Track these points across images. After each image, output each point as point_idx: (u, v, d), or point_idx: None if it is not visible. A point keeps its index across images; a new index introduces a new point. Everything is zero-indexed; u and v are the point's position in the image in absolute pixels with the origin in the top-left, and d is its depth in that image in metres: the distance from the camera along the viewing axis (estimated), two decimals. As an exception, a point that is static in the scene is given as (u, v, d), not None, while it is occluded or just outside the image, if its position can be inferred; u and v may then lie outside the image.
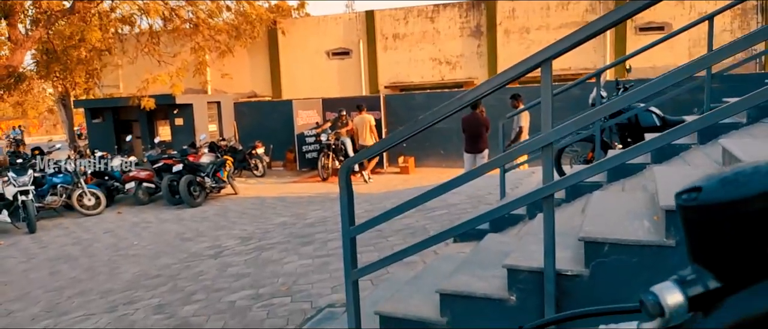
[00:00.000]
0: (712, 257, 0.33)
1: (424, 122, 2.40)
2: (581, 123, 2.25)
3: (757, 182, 0.31)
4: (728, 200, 0.31)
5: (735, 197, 0.31)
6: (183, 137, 14.99)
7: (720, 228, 0.32)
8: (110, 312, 4.89)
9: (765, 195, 0.31)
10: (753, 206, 0.31)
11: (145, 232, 9.07)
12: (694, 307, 0.33)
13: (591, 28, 2.15)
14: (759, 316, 0.30)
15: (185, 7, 15.47)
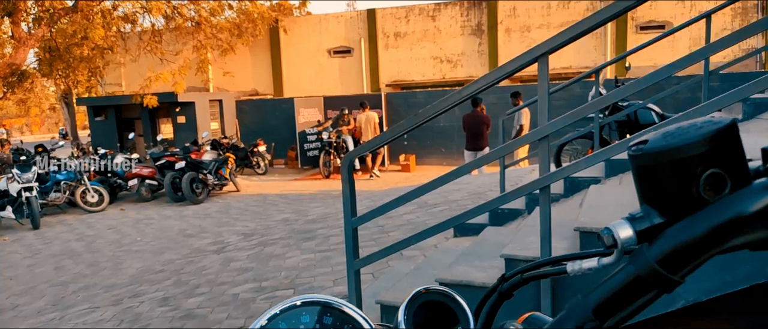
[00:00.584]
0: (655, 197, 0.40)
1: (424, 115, 2.46)
2: (577, 117, 2.31)
3: (690, 134, 0.38)
4: (667, 148, 0.38)
5: (672, 145, 0.38)
6: (185, 135, 15.06)
7: (660, 172, 0.39)
8: (115, 305, 4.96)
9: (695, 144, 0.37)
10: (685, 152, 0.37)
11: (148, 228, 9.14)
12: (642, 239, 0.40)
13: (586, 23, 2.21)
14: (688, 242, 0.37)
15: (187, 5, 15.54)
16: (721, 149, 0.38)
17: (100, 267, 6.95)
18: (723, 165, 0.38)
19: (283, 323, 0.46)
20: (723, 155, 0.38)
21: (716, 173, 0.37)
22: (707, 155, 0.37)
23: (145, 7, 14.94)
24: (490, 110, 10.36)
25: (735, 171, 0.38)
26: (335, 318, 0.47)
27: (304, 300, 0.47)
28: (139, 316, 4.44)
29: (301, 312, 0.47)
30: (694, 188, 0.38)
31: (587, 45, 15.67)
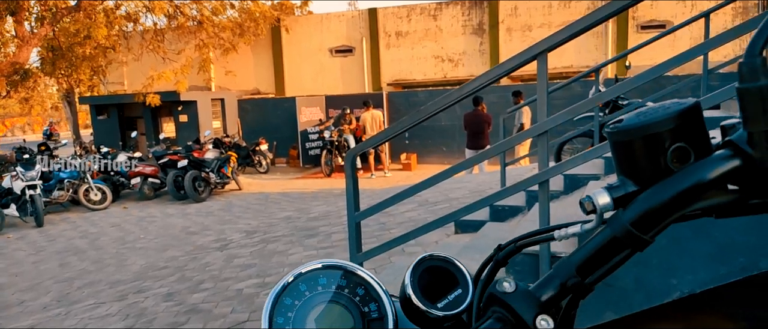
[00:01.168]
0: (629, 168, 0.45)
1: (425, 112, 2.52)
2: (575, 113, 2.36)
3: (660, 113, 0.44)
4: (639, 125, 0.44)
5: (644, 122, 0.44)
6: (187, 134, 15.13)
7: (634, 146, 0.44)
8: (120, 300, 5.02)
9: (663, 121, 0.43)
10: (655, 129, 0.43)
11: (151, 226, 9.21)
12: (618, 205, 0.46)
13: (584, 21, 2.27)
14: (656, 206, 0.43)
15: (190, 4, 15.61)
16: (686, 126, 0.43)
17: (104, 264, 7.01)
18: (687, 140, 0.43)
19: (302, 284, 0.52)
20: (687, 131, 0.43)
21: (681, 147, 0.43)
22: (674, 131, 0.43)
23: (147, 6, 15.00)
24: (491, 109, 10.41)
25: (698, 145, 0.44)
26: (349, 281, 0.53)
27: (325, 264, 0.53)
28: (144, 311, 4.50)
29: (319, 275, 0.53)
30: (662, 159, 0.43)
31: (588, 44, 15.72)
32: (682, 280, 2.25)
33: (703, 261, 2.23)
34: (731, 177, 0.42)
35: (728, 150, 0.43)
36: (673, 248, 2.26)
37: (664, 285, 2.27)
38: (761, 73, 0.40)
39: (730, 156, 0.42)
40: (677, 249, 2.26)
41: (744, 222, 2.15)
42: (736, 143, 0.43)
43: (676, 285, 2.26)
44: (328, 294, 0.51)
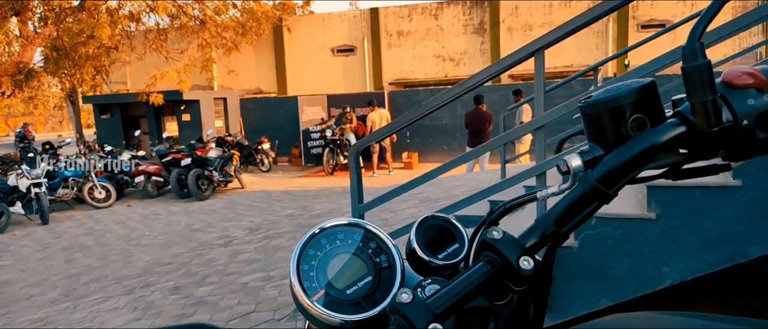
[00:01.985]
0: (597, 135, 0.54)
1: (427, 107, 2.61)
2: (571, 108, 2.45)
3: (622, 89, 0.52)
4: (606, 99, 0.53)
5: (610, 97, 0.53)
6: (190, 133, 15.22)
7: (601, 117, 0.53)
8: (127, 295, 5.12)
9: (625, 96, 0.52)
10: (618, 102, 0.52)
11: (156, 223, 9.31)
12: (588, 167, 0.55)
13: (580, 19, 2.36)
14: (618, 165, 0.52)
15: (192, 4, 15.71)
16: (643, 100, 0.52)
17: (110, 260, 7.11)
18: (644, 111, 0.52)
19: (323, 239, 0.61)
20: (644, 104, 0.52)
21: (639, 117, 0.52)
22: (633, 104, 0.52)
23: (151, 6, 15.11)
24: (492, 108, 10.50)
25: (653, 115, 0.53)
26: (363, 236, 0.62)
27: (343, 221, 0.62)
28: (151, 304, 4.60)
29: (338, 231, 0.62)
30: (624, 127, 0.52)
31: (589, 44, 15.81)
32: (674, 268, 2.34)
33: (694, 250, 2.32)
34: (680, 141, 0.51)
35: (677, 119, 0.52)
36: (665, 238, 2.35)
37: (657, 273, 2.36)
38: (699, 55, 0.49)
39: (678, 124, 0.51)
40: (669, 239, 2.35)
41: (732, 213, 2.24)
42: (683, 113, 0.52)
43: (668, 272, 2.35)
44: (345, 246, 0.60)
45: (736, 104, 0.50)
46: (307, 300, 0.56)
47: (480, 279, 0.53)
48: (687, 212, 2.29)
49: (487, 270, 0.54)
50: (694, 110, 0.50)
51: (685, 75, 0.50)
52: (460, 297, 0.52)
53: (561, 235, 0.55)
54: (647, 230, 2.35)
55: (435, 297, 0.52)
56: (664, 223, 2.32)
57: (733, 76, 0.51)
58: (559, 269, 2.48)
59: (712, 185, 2.25)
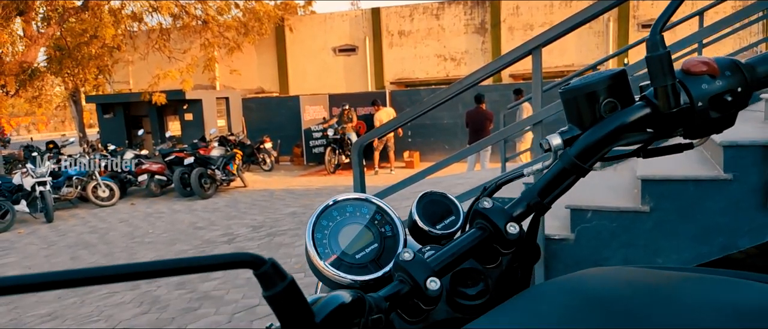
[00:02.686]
0: (574, 117, 0.62)
1: (428, 103, 2.69)
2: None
3: (596, 77, 0.60)
4: (583, 85, 0.60)
5: (586, 83, 0.60)
6: (192, 132, 15.31)
7: (578, 101, 0.60)
8: (133, 290, 5.20)
9: (598, 83, 0.59)
10: (593, 88, 0.59)
11: (159, 221, 9.39)
12: (567, 145, 0.62)
13: (576, 18, 2.43)
14: (592, 142, 0.59)
15: (195, 4, 15.80)
16: (614, 86, 0.60)
17: (115, 257, 7.20)
18: (615, 95, 0.60)
19: (335, 211, 0.69)
20: (615, 90, 0.60)
21: (611, 100, 0.60)
22: (606, 89, 0.60)
23: (153, 6, 15.20)
24: (493, 107, 10.57)
25: (623, 99, 0.60)
26: (370, 209, 0.69)
27: (353, 196, 0.70)
28: (157, 298, 4.68)
29: (347, 204, 0.69)
30: (597, 110, 0.60)
31: (589, 43, 15.87)
32: (667, 259, 2.42)
33: (687, 242, 2.39)
34: (645, 121, 0.59)
35: (642, 102, 0.59)
36: (659, 230, 2.42)
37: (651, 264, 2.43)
38: (660, 46, 0.57)
39: (643, 106, 0.59)
40: (662, 231, 2.43)
41: (724, 205, 2.32)
42: (647, 96, 0.59)
43: (662, 263, 2.42)
44: (355, 218, 0.68)
45: (692, 89, 0.57)
46: (321, 263, 0.63)
47: (472, 243, 0.61)
48: (680, 205, 2.36)
49: (479, 235, 0.61)
50: (657, 93, 0.58)
51: (648, 63, 0.58)
52: (455, 257, 0.59)
53: (544, 205, 0.63)
54: (641, 223, 2.43)
55: (433, 256, 0.59)
56: (657, 216, 2.40)
57: (690, 64, 0.58)
58: (556, 261, 2.56)
59: (705, 179, 2.33)
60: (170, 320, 4.03)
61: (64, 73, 15.77)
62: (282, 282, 0.42)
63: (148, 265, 0.37)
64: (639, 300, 0.45)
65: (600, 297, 0.47)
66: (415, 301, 0.56)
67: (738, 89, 0.57)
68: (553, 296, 0.50)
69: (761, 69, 0.58)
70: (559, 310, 0.46)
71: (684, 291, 0.45)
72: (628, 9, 15.93)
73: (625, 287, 0.48)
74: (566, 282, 0.52)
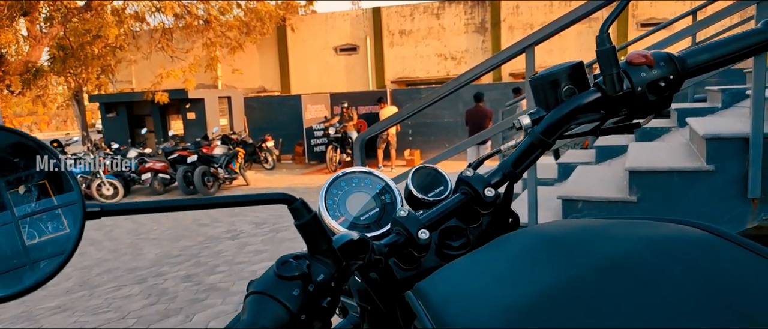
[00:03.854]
0: (541, 101, 0.74)
1: (427, 100, 2.81)
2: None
3: (558, 68, 0.71)
4: (547, 74, 0.72)
5: (550, 72, 0.73)
6: (195, 131, 15.45)
7: (544, 87, 0.72)
8: (141, 283, 5.33)
9: (560, 72, 0.71)
10: (556, 76, 0.71)
11: (164, 218, 9.52)
12: (534, 124, 0.75)
13: (568, 17, 2.56)
14: (554, 121, 0.71)
15: (197, 4, 15.93)
16: (573, 75, 0.72)
17: (121, 253, 7.33)
18: (574, 82, 0.72)
19: (343, 182, 0.81)
20: (574, 78, 0.72)
21: (570, 87, 0.72)
22: (566, 78, 0.72)
23: (156, 6, 15.33)
24: (492, 106, 10.69)
25: (580, 86, 0.73)
26: (373, 180, 0.82)
27: (358, 170, 0.83)
28: (165, 291, 4.81)
29: (353, 177, 0.82)
30: (559, 94, 0.73)
31: (590, 42, 15.91)
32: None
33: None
34: (596, 104, 0.72)
35: (594, 88, 0.72)
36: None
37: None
38: (606, 42, 0.70)
39: (595, 91, 0.72)
40: (649, 220, 2.55)
41: (706, 195, 2.44)
42: (598, 83, 0.72)
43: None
44: (360, 187, 0.81)
45: (633, 76, 0.70)
46: (333, 223, 0.76)
47: (456, 204, 0.73)
48: (665, 195, 2.49)
49: (462, 198, 0.74)
50: (605, 80, 0.70)
51: (598, 56, 0.71)
52: (442, 215, 0.72)
53: (516, 174, 0.76)
54: (629, 212, 2.55)
55: (424, 214, 0.72)
56: (644, 205, 2.52)
57: (632, 57, 0.71)
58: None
59: (688, 170, 2.46)
60: (179, 310, 4.17)
61: (67, 73, 15.89)
62: (308, 215, 0.55)
63: (206, 200, 0.50)
64: (582, 237, 0.58)
65: (553, 237, 0.59)
66: (409, 250, 0.69)
67: (671, 77, 0.70)
68: (514, 239, 0.63)
69: (690, 61, 0.71)
70: (516, 248, 0.59)
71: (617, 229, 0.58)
72: (627, 8, 16.03)
73: (576, 229, 0.61)
74: (531, 229, 0.65)
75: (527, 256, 0.57)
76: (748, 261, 0.50)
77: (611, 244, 0.54)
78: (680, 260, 0.50)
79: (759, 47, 0.72)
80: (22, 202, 0.45)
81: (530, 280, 0.52)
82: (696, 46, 0.75)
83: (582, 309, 0.47)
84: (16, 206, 0.44)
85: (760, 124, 2.26)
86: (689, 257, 0.51)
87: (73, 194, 0.46)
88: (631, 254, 0.52)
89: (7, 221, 0.44)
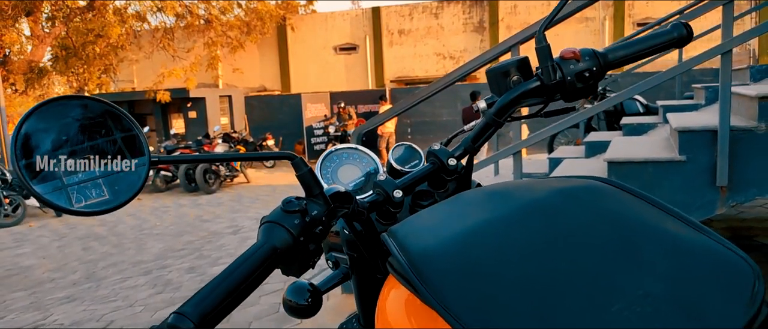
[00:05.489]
0: (494, 87, 0.91)
1: (420, 95, 2.99)
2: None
3: (509, 61, 0.89)
4: (499, 66, 0.89)
5: (503, 65, 0.89)
6: (196, 130, 15.61)
7: (497, 77, 0.89)
8: (146, 275, 5.51)
9: (510, 65, 0.87)
10: (507, 68, 0.86)
11: (166, 215, 9.71)
12: (489, 107, 0.92)
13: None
14: (505, 103, 0.87)
15: (198, 4, 16.10)
16: (520, 67, 0.89)
17: (125, 247, 7.51)
18: (520, 73, 0.89)
19: (335, 156, 0.99)
20: (521, 69, 0.89)
21: (517, 77, 0.90)
22: (514, 69, 0.89)
23: (158, 6, 15.50)
24: (489, 104, 10.88)
25: (525, 76, 0.90)
26: (359, 155, 1.00)
27: (347, 146, 1.00)
28: (170, 281, 4.99)
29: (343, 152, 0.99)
30: (508, 83, 0.90)
31: (587, 41, 16.14)
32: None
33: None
34: (537, 90, 0.88)
35: (535, 78, 0.89)
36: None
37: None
38: (543, 41, 0.87)
39: (535, 80, 0.89)
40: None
41: (679, 183, 2.62)
42: (538, 74, 0.89)
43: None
44: (349, 160, 0.98)
45: (564, 68, 0.87)
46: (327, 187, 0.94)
47: (426, 171, 0.91)
48: (641, 184, 2.66)
49: (430, 167, 0.91)
50: (542, 72, 0.88)
51: (537, 52, 0.88)
52: (414, 180, 0.89)
53: (474, 148, 0.93)
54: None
55: (399, 180, 0.89)
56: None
57: (563, 52, 0.88)
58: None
59: (662, 160, 2.63)
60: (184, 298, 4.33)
61: (69, 72, 16.06)
62: (306, 168, 0.72)
63: (225, 154, 0.69)
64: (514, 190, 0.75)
65: (493, 191, 0.77)
66: (387, 207, 0.86)
67: (594, 69, 0.87)
68: (466, 194, 0.80)
69: (610, 56, 0.89)
70: (466, 201, 0.77)
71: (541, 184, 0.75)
72: (623, 8, 16.22)
73: (512, 185, 0.78)
74: (480, 188, 0.82)
75: (472, 205, 0.74)
76: (628, 199, 0.68)
77: (533, 193, 0.72)
78: (579, 200, 0.68)
79: (666, 44, 0.89)
80: (110, 150, 0.63)
81: (470, 220, 0.70)
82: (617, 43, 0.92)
83: (502, 235, 0.65)
84: (106, 154, 0.63)
85: (726, 117, 2.44)
86: (586, 198, 0.69)
87: (143, 148, 0.65)
88: (544, 198, 0.69)
89: (102, 163, 0.63)
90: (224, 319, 0.60)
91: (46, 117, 0.62)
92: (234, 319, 3.79)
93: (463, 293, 0.59)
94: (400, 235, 0.71)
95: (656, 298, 0.55)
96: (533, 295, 0.57)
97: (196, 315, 0.58)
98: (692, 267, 0.59)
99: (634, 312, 0.53)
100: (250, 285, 0.65)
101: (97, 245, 7.84)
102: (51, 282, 6.11)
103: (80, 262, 6.92)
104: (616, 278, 0.57)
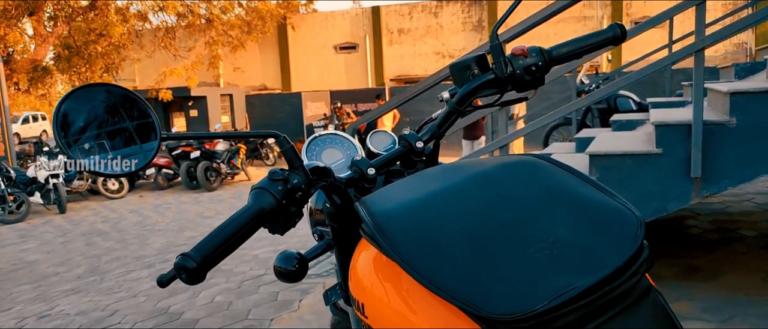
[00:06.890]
0: (457, 80, 1.04)
1: (412, 91, 3.12)
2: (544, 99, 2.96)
3: (470, 56, 1.02)
4: (462, 61, 1.02)
5: (465, 59, 1.02)
6: (197, 128, 15.76)
7: (460, 71, 0.99)
8: (148, 268, 5.65)
9: (470, 59, 1.00)
10: (467, 63, 0.98)
11: (168, 212, 9.84)
12: (452, 97, 1.06)
13: (536, 16, 2.87)
14: (464, 94, 1.00)
15: (200, 3, 16.25)
16: (479, 62, 1.02)
17: (128, 243, 7.65)
18: (479, 67, 1.02)
19: (319, 141, 1.13)
20: (479, 64, 1.02)
21: (476, 70, 1.03)
22: (474, 64, 1.02)
23: (160, 5, 15.64)
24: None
25: (483, 70, 1.03)
26: (341, 141, 1.13)
27: (329, 133, 1.14)
28: (172, 274, 5.12)
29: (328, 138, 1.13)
30: (469, 75, 1.03)
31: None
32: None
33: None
34: (492, 82, 1.02)
35: (490, 71, 1.03)
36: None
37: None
38: (496, 39, 1.00)
39: (491, 73, 1.02)
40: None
41: (656, 175, 2.75)
42: (492, 68, 1.03)
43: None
44: (332, 144, 1.12)
45: (514, 63, 1.01)
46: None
47: (396, 152, 1.04)
48: (620, 176, 2.79)
49: (400, 149, 1.05)
50: (496, 66, 1.01)
51: (491, 49, 1.01)
52: (387, 160, 1.03)
53: (440, 133, 1.07)
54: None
55: (374, 160, 1.03)
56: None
57: (514, 50, 1.02)
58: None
59: (640, 153, 2.76)
60: (186, 288, 4.48)
61: (71, 71, 16.20)
62: (288, 145, 0.86)
63: (222, 133, 0.82)
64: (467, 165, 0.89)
65: (450, 167, 0.91)
66: (362, 183, 1.00)
67: (540, 63, 1.01)
68: (428, 170, 0.94)
69: (555, 52, 1.02)
70: (427, 175, 0.91)
71: (491, 160, 0.89)
72: (621, 7, 16.34)
73: (467, 162, 0.92)
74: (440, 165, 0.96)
75: (430, 178, 0.88)
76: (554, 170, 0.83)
77: (481, 167, 0.86)
78: (515, 171, 0.82)
79: (603, 42, 1.03)
80: (128, 126, 0.78)
81: (427, 189, 0.83)
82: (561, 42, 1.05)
83: (451, 198, 0.79)
84: (125, 129, 0.78)
85: (700, 112, 2.57)
86: (522, 169, 0.83)
87: (155, 126, 0.79)
88: (488, 171, 0.84)
89: (124, 135, 0.77)
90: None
91: (78, 100, 0.76)
92: (234, 306, 3.93)
93: (416, 244, 0.73)
94: (368, 203, 0.85)
95: (562, 242, 0.69)
96: (470, 241, 0.71)
97: (198, 257, 0.73)
98: (592, 218, 0.73)
99: (544, 253, 0.68)
100: (240, 238, 0.78)
101: (100, 241, 7.98)
102: (56, 276, 6.25)
103: (84, 257, 7.07)
104: (534, 228, 0.72)
